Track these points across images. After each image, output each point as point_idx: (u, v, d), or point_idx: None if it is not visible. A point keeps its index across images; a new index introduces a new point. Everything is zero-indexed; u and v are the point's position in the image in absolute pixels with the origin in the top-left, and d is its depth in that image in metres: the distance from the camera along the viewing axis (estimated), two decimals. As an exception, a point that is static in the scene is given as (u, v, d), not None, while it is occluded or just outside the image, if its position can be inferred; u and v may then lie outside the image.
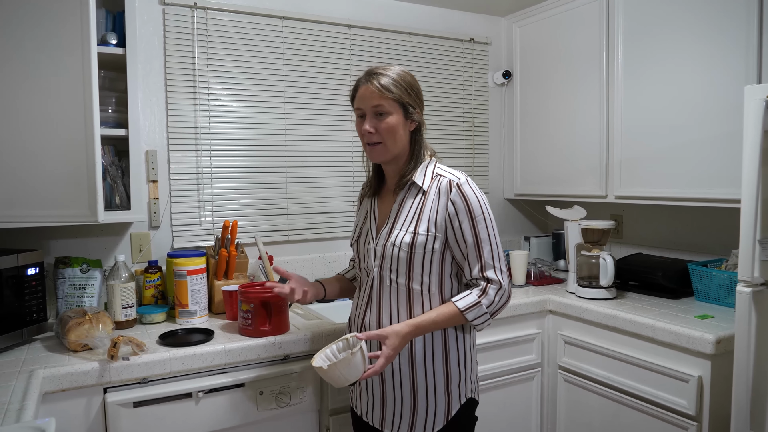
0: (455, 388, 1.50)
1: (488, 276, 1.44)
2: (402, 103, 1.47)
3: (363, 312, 1.57)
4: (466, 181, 1.48)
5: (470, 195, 1.46)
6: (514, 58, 2.96)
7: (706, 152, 2.06)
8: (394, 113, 1.47)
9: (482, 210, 1.46)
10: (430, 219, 1.46)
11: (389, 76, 1.47)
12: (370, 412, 1.57)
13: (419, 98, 1.53)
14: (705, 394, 1.78)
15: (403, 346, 1.42)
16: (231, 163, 2.39)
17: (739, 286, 1.59)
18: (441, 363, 1.49)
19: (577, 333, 2.22)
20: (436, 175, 1.51)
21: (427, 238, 1.46)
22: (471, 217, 1.45)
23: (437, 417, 1.49)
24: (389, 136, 1.48)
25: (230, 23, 2.36)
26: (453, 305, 1.43)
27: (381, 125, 1.47)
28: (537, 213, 3.18)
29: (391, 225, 1.51)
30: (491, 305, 1.44)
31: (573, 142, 2.61)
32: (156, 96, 2.24)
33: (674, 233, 2.56)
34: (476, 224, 1.45)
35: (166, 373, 1.65)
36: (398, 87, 1.46)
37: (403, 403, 1.50)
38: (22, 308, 1.75)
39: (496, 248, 1.47)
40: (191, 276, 1.98)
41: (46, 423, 1.12)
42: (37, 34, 1.72)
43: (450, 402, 1.50)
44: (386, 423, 1.53)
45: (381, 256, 1.51)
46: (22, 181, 1.74)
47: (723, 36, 1.99)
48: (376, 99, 1.46)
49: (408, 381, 1.49)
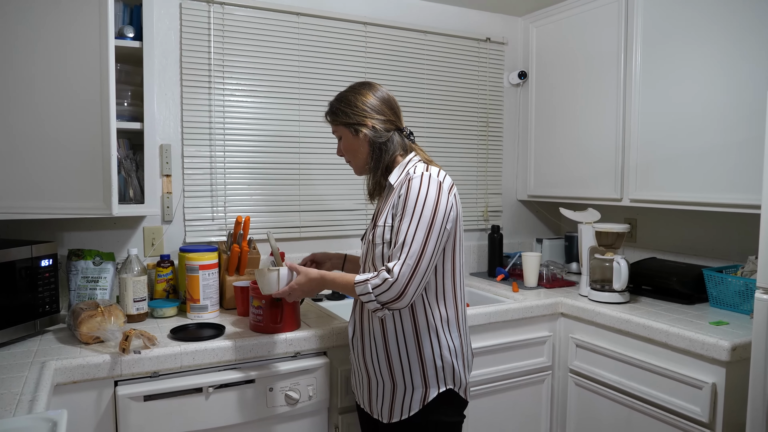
0: (432, 374, 1.54)
1: (388, 265, 1.45)
2: (345, 124, 1.63)
3: (355, 303, 1.69)
4: (421, 175, 1.50)
5: (413, 189, 1.48)
6: (530, 59, 2.94)
7: (724, 157, 2.03)
8: (345, 136, 1.65)
9: (416, 204, 1.46)
10: (388, 212, 1.54)
11: (332, 104, 1.67)
12: (362, 398, 1.67)
13: (361, 111, 1.61)
14: (719, 401, 1.76)
15: (311, 287, 1.59)
16: (244, 158, 2.39)
17: (758, 293, 1.57)
18: (414, 349, 1.54)
19: (589, 337, 2.20)
20: (406, 173, 1.58)
21: (384, 229, 1.54)
22: (404, 208, 1.48)
23: (413, 401, 1.54)
24: (349, 155, 1.68)
25: (246, 19, 2.36)
26: (353, 276, 1.51)
27: (342, 148, 1.68)
28: (550, 215, 3.16)
29: (373, 223, 1.62)
30: (377, 288, 1.43)
31: (588, 144, 2.59)
32: (171, 90, 2.25)
33: (689, 238, 2.53)
34: (404, 216, 1.47)
35: (176, 367, 1.65)
36: (338, 112, 1.64)
37: (384, 387, 1.58)
38: (35, 299, 1.76)
39: (410, 243, 1.43)
40: (203, 271, 1.98)
41: (58, 414, 1.12)
42: (55, 27, 1.73)
43: (427, 387, 1.54)
44: (373, 408, 1.62)
45: (365, 252, 1.66)
46: (37, 173, 1.75)
47: (744, 40, 1.96)
48: (332, 128, 1.70)
49: (386, 366, 1.56)
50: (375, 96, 1.63)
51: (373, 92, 1.64)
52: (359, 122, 1.61)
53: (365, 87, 1.66)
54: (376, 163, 1.63)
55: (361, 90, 1.65)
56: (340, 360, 1.88)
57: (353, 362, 1.69)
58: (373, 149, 1.62)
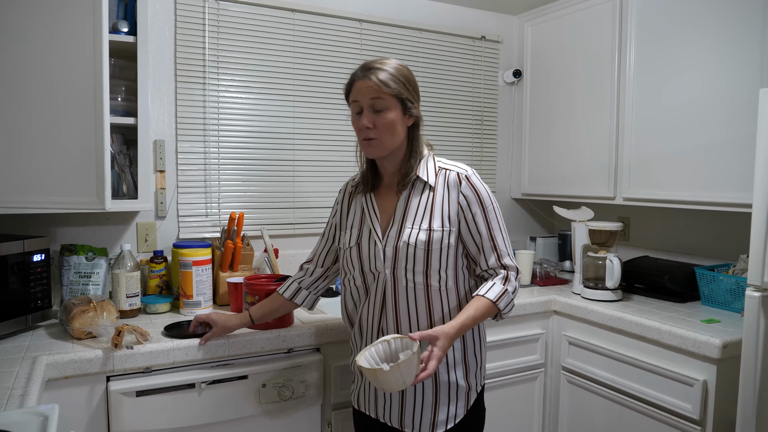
0: (473, 377, 1.52)
1: (505, 263, 1.47)
2: (401, 98, 1.43)
3: (378, 316, 1.51)
4: (474, 173, 1.51)
5: (479, 187, 1.48)
6: (525, 57, 2.94)
7: (717, 155, 2.04)
8: (392, 109, 1.43)
9: (491, 201, 1.49)
10: (444, 214, 1.46)
11: (387, 70, 1.43)
12: (388, 413, 1.52)
13: (416, 93, 1.50)
14: (710, 398, 1.77)
15: (449, 347, 1.36)
16: (239, 155, 2.39)
17: (749, 290, 1.58)
18: (460, 354, 1.51)
19: (581, 334, 2.21)
20: (440, 170, 1.51)
21: (443, 234, 1.45)
22: (483, 208, 1.47)
23: (458, 408, 1.50)
24: (387, 132, 1.44)
25: (241, 15, 2.36)
26: (484, 298, 1.42)
27: (379, 121, 1.43)
28: (544, 213, 3.17)
29: (400, 224, 1.47)
30: (515, 291, 1.47)
31: (582, 143, 2.60)
32: (165, 86, 2.24)
33: (682, 236, 2.54)
34: (488, 215, 1.47)
35: (169, 363, 1.64)
36: (396, 82, 1.42)
37: (425, 400, 1.48)
38: (26, 294, 1.75)
39: (506, 236, 1.50)
40: (196, 267, 1.98)
41: (49, 409, 1.12)
42: (49, 20, 1.72)
43: (469, 391, 1.52)
44: (406, 422, 1.49)
45: (393, 257, 1.47)
46: (30, 167, 1.74)
47: (737, 38, 1.97)
48: (374, 94, 1.42)
49: (430, 378, 1.45)
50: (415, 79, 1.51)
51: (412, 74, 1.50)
52: (413, 100, 1.47)
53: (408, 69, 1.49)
54: (414, 156, 1.49)
55: (409, 70, 1.48)
56: (333, 356, 1.87)
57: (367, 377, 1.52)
58: (413, 136, 1.49)
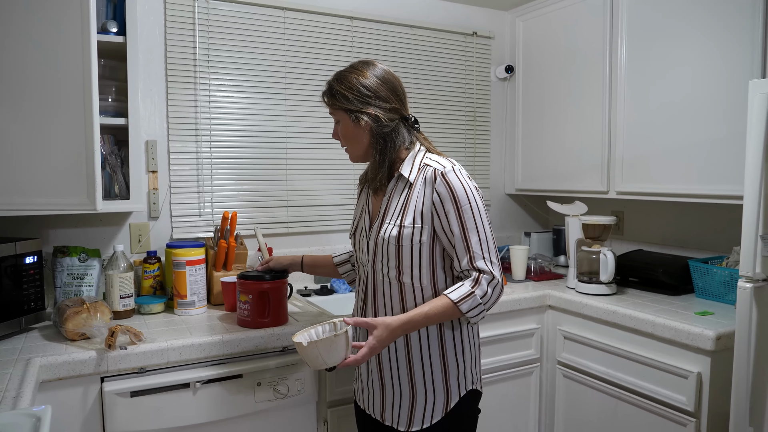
0: (454, 380, 1.49)
1: (478, 266, 1.39)
2: (344, 109, 1.47)
3: (361, 307, 1.57)
4: (452, 169, 1.43)
5: (455, 183, 1.41)
6: (517, 53, 2.95)
7: (708, 148, 2.05)
8: (343, 120, 1.49)
9: (468, 198, 1.41)
10: (416, 210, 1.43)
11: (332, 85, 1.49)
12: (371, 404, 1.56)
13: (366, 94, 1.44)
14: (704, 390, 1.78)
15: (391, 339, 1.36)
16: (231, 154, 2.38)
17: (741, 281, 1.58)
18: (438, 356, 1.47)
19: (576, 328, 2.22)
20: (423, 165, 1.46)
21: (413, 230, 1.43)
22: (456, 206, 1.40)
23: (435, 409, 1.48)
24: (348, 141, 1.52)
25: (232, 13, 2.35)
26: (445, 297, 1.38)
27: (340, 133, 1.53)
28: (538, 208, 3.17)
29: (381, 219, 1.49)
30: (485, 296, 1.38)
31: (575, 138, 2.60)
32: (156, 86, 2.23)
33: (675, 230, 2.55)
34: (462, 213, 1.40)
35: (163, 363, 1.64)
36: (337, 94, 1.47)
37: (402, 396, 1.49)
38: (20, 297, 1.75)
39: (485, 238, 1.41)
40: (190, 267, 1.97)
41: (41, 410, 1.12)
42: (37, 20, 1.71)
43: (449, 394, 1.48)
44: (386, 416, 1.52)
45: (373, 250, 1.50)
46: (19, 168, 1.73)
47: (728, 31, 1.98)
48: (329, 110, 1.53)
49: (406, 374, 1.48)
50: (378, 78, 1.46)
51: (375, 73, 1.47)
52: (360, 109, 1.45)
53: (368, 67, 1.48)
54: (381, 156, 1.48)
55: (363, 70, 1.47)
56: (328, 354, 1.87)
57: (360, 368, 1.60)
58: (376, 140, 1.47)
